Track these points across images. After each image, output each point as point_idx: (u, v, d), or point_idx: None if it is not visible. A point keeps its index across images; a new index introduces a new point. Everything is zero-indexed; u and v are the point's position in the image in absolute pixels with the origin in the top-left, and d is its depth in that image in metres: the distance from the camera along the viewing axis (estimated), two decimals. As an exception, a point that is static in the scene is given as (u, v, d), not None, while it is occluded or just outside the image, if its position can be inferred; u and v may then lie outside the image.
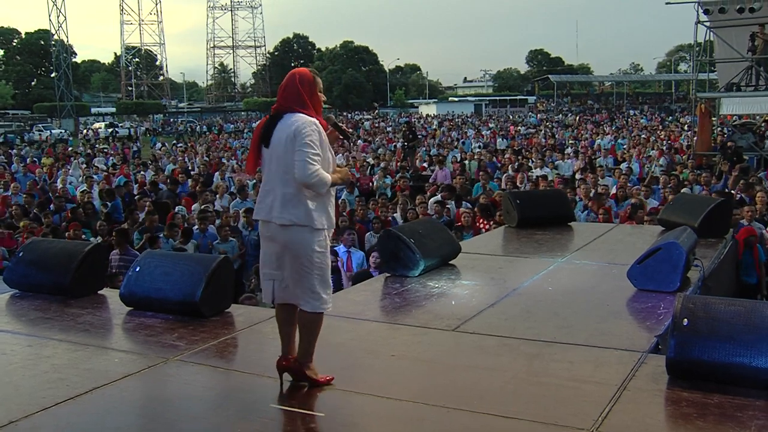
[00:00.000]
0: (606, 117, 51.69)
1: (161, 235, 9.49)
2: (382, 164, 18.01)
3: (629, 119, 48.25)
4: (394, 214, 10.98)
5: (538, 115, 57.54)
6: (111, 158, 24.45)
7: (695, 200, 8.54)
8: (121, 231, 9.09)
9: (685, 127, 32.29)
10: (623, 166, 15.65)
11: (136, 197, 13.22)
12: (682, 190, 11.65)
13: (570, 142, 26.86)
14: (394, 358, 4.37)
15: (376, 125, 46.75)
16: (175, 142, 34.48)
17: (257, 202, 3.71)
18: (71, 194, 14.63)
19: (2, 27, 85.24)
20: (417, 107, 75.35)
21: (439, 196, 11.67)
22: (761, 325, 3.61)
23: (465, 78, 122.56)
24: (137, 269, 5.35)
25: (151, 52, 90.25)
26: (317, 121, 3.55)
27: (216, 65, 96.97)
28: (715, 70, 22.96)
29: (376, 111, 70.25)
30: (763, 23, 17.98)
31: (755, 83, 18.42)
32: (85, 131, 50.88)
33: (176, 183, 14.74)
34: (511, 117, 55.60)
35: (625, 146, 23.36)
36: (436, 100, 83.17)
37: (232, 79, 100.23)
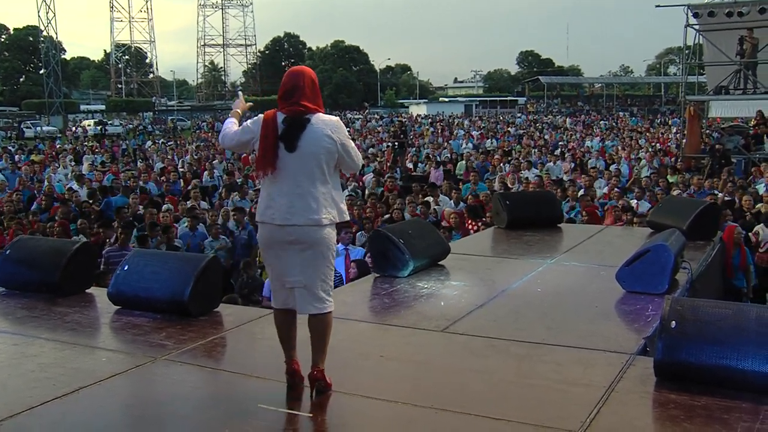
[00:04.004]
0: (596, 119, 51.85)
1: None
2: (373, 165, 18.03)
3: (618, 121, 48.44)
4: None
5: (528, 116, 57.67)
6: (100, 156, 24.28)
7: (684, 203, 8.59)
8: (129, 224, 9.31)
9: (673, 130, 32.48)
10: (612, 167, 15.71)
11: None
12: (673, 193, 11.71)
13: (560, 143, 26.94)
14: (382, 359, 4.37)
15: (366, 125, 46.73)
16: (163, 140, 34.31)
17: (284, 207, 3.50)
18: (59, 192, 14.53)
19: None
20: (407, 107, 75.39)
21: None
22: (748, 328, 3.63)
23: (455, 78, 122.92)
24: (126, 268, 5.32)
25: (141, 49, 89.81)
26: None
27: (206, 63, 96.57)
28: (704, 73, 23.08)
29: (366, 111, 70.27)
30: (752, 27, 18.11)
31: (743, 86, 18.53)
32: (74, 128, 50.59)
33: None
34: (501, 118, 55.70)
35: (614, 148, 23.45)
36: (426, 100, 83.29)
37: (223, 78, 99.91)
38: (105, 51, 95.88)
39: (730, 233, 8.10)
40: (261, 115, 3.64)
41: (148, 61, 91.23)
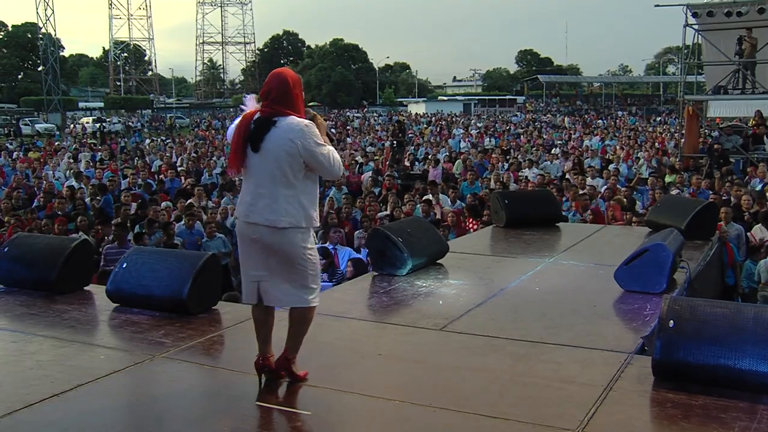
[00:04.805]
0: (595, 118, 51.85)
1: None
2: (372, 164, 18.05)
3: (617, 120, 48.42)
4: (384, 212, 10.96)
5: (526, 114, 57.71)
6: (98, 153, 24.25)
7: (682, 202, 8.59)
8: (121, 224, 9.27)
9: (671, 129, 32.47)
10: (611, 167, 15.72)
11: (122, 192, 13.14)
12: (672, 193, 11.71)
13: (558, 142, 26.96)
14: (380, 357, 4.37)
15: (365, 123, 46.72)
16: (162, 138, 34.31)
17: (247, 205, 3.61)
18: (57, 189, 14.53)
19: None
20: (406, 106, 75.31)
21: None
22: (746, 327, 3.63)
23: (454, 77, 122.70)
24: (124, 266, 5.32)
25: (139, 47, 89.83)
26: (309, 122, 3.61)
27: (205, 61, 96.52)
28: (703, 72, 23.08)
29: (365, 109, 70.26)
30: (751, 27, 18.11)
31: (742, 86, 18.53)
32: (72, 126, 50.56)
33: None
34: (500, 116, 55.71)
35: (611, 148, 23.45)
36: (425, 99, 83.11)
37: (221, 76, 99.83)
38: (104, 48, 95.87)
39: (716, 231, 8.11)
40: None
41: (146, 58, 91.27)
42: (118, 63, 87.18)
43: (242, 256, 3.73)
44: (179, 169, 17.63)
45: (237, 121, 3.75)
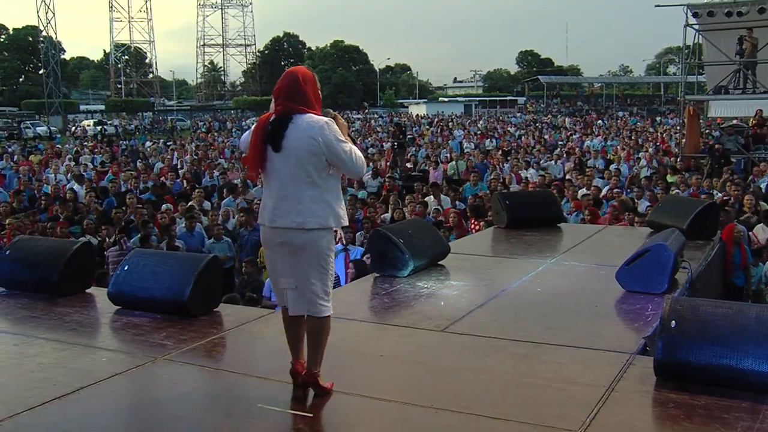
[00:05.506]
0: (596, 118, 51.81)
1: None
2: (372, 165, 18.02)
3: (618, 120, 48.38)
4: (384, 215, 10.95)
5: (528, 115, 57.72)
6: (99, 156, 24.23)
7: (683, 202, 8.58)
8: (123, 228, 9.45)
9: (672, 131, 32.46)
10: (612, 167, 15.71)
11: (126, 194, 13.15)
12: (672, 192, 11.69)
13: (559, 143, 26.95)
14: (382, 359, 4.37)
15: (365, 125, 46.71)
16: (164, 141, 34.33)
17: (271, 209, 3.51)
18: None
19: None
20: (407, 107, 75.34)
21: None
22: (748, 327, 3.63)
23: (455, 78, 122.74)
24: (125, 268, 5.32)
25: (140, 49, 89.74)
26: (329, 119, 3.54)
27: (206, 63, 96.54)
28: (704, 72, 23.07)
29: (366, 111, 70.29)
30: (751, 27, 18.10)
31: (743, 86, 18.52)
32: (74, 128, 50.59)
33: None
34: (501, 117, 55.67)
35: (613, 148, 23.44)
36: (426, 100, 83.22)
37: (222, 78, 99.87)
38: (104, 51, 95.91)
39: (730, 232, 8.08)
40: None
41: (147, 61, 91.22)
42: (119, 66, 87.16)
43: (270, 264, 3.66)
44: (180, 171, 17.64)
45: (252, 128, 3.72)
